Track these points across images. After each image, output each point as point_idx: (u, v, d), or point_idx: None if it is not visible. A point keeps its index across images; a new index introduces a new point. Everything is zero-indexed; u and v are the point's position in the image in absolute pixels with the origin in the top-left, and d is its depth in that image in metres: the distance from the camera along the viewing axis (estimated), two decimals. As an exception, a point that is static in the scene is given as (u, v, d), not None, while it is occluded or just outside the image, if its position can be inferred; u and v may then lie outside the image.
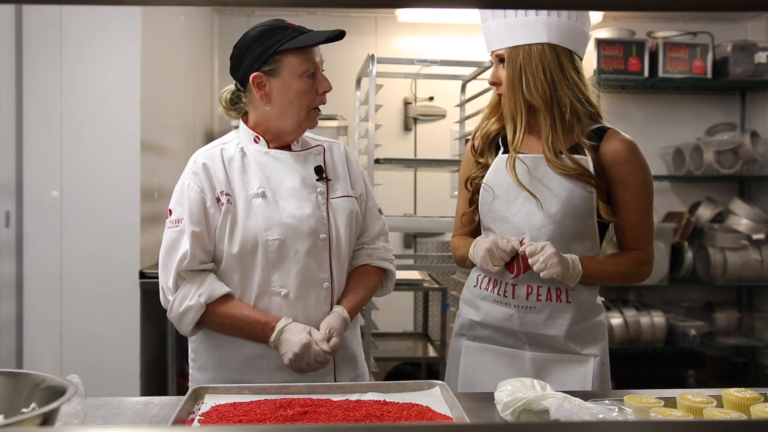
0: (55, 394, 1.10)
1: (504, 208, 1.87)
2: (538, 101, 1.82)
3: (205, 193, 1.78)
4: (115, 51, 3.25)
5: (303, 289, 1.80)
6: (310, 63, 1.77)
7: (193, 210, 1.77)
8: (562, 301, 1.85)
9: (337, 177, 1.90)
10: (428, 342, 4.23)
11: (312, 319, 1.81)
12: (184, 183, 1.81)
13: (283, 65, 1.76)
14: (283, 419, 1.40)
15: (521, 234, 1.84)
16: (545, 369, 1.87)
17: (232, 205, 1.78)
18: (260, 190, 1.79)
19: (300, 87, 1.77)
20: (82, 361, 3.20)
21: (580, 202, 1.82)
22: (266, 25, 1.78)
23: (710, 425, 0.73)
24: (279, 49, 1.74)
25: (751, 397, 1.43)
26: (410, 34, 5.03)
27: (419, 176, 4.96)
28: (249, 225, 1.77)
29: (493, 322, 1.89)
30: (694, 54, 4.64)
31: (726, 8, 0.61)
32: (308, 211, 1.81)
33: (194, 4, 2.08)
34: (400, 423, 1.36)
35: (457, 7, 0.70)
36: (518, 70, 1.82)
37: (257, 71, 1.77)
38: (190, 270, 1.76)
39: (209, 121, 4.85)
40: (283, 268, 1.79)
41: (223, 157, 1.82)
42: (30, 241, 3.22)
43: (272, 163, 1.84)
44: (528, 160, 1.85)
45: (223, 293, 1.76)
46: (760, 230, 4.66)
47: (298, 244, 1.79)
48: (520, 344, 1.89)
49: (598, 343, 1.88)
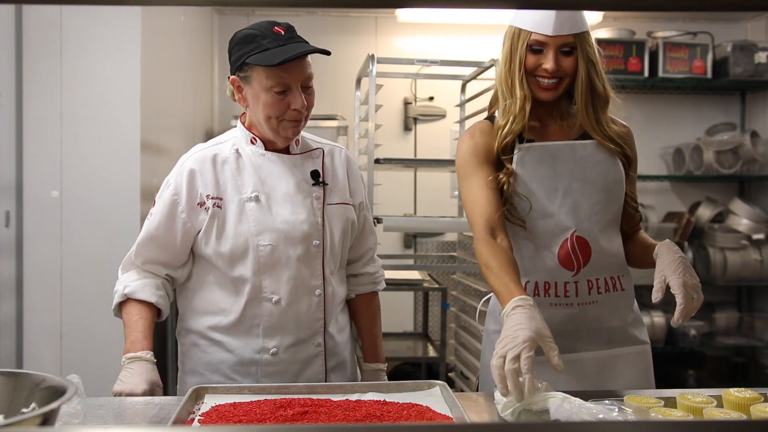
0: (55, 394, 1.10)
1: (545, 204, 1.77)
2: (600, 86, 1.79)
3: (179, 197, 1.78)
4: (115, 51, 3.24)
5: (295, 295, 1.78)
6: (278, 80, 1.70)
7: (161, 212, 1.80)
8: (618, 289, 1.83)
9: (335, 183, 1.87)
10: (428, 342, 4.23)
11: (303, 326, 1.81)
12: (168, 181, 1.83)
13: (253, 76, 1.73)
14: (283, 419, 1.40)
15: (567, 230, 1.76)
16: (608, 368, 1.81)
17: (221, 209, 1.77)
18: (254, 194, 1.77)
19: (267, 100, 1.73)
20: (82, 361, 3.20)
21: (615, 186, 1.82)
22: (251, 29, 1.75)
23: (710, 425, 0.73)
24: (247, 61, 1.72)
25: (751, 397, 1.43)
26: (410, 34, 5.02)
27: (419, 176, 4.95)
28: (240, 229, 1.76)
29: (550, 326, 1.68)
30: (694, 54, 4.64)
31: (726, 8, 0.61)
32: (302, 216, 1.79)
33: (194, 4, 2.08)
34: (400, 423, 1.36)
35: (458, 7, 0.70)
36: (588, 55, 1.77)
37: (234, 75, 1.77)
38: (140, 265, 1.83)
39: (209, 121, 4.85)
40: (275, 273, 1.77)
41: (216, 159, 1.81)
42: (30, 241, 3.22)
43: (268, 166, 1.81)
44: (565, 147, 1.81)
45: (143, 298, 1.78)
46: (760, 230, 4.65)
47: (290, 250, 1.77)
48: (580, 345, 1.80)
49: (645, 328, 1.90)
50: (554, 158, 1.80)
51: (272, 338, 1.79)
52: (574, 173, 1.79)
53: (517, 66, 1.77)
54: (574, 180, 1.78)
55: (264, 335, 1.79)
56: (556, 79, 1.76)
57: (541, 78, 1.76)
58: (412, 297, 4.86)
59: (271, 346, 1.79)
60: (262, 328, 1.79)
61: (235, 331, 1.80)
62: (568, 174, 1.79)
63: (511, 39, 1.79)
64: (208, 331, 1.82)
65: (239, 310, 1.78)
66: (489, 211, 1.73)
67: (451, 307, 4.11)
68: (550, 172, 1.79)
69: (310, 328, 1.81)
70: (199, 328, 1.84)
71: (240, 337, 1.80)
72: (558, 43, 1.74)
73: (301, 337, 1.81)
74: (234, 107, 4.96)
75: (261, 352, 1.79)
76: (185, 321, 1.87)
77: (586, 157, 1.81)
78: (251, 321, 1.79)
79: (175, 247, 1.80)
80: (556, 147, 1.81)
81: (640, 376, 1.83)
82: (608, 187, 1.80)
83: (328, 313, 1.84)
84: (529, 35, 1.75)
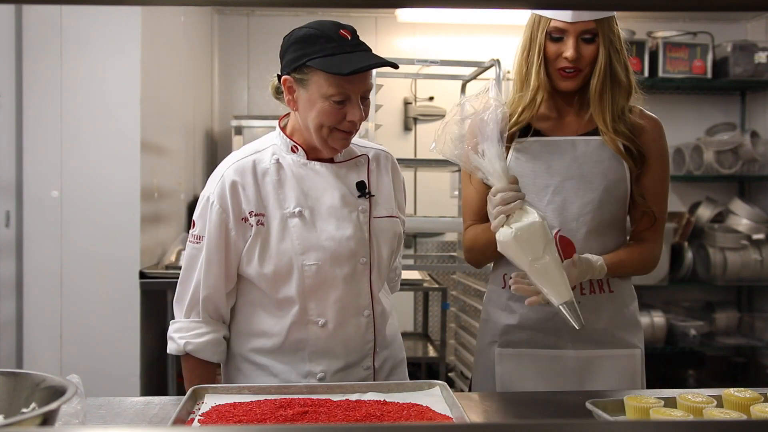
0: (55, 394, 1.10)
1: (533, 200, 1.71)
2: (622, 76, 1.74)
3: (227, 214, 1.66)
4: (115, 51, 3.24)
5: (342, 317, 1.68)
6: (339, 89, 1.57)
7: (212, 233, 1.67)
8: (605, 291, 1.78)
9: (381, 193, 1.74)
10: (428, 342, 4.23)
11: (353, 350, 1.70)
12: (209, 199, 1.68)
13: (312, 80, 1.59)
14: (283, 419, 1.40)
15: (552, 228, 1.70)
16: (591, 367, 1.78)
17: (264, 226, 1.65)
18: (297, 209, 1.65)
19: (323, 108, 1.59)
20: (82, 361, 3.20)
21: (617, 185, 1.75)
22: (314, 28, 1.61)
23: (710, 425, 0.72)
24: (308, 63, 1.58)
25: (751, 397, 1.43)
26: (410, 34, 5.02)
27: (419, 176, 4.96)
28: (284, 248, 1.64)
29: (532, 323, 1.77)
30: (694, 54, 4.64)
31: (726, 8, 0.61)
32: (348, 232, 1.67)
33: (194, 4, 2.06)
34: (400, 423, 1.36)
35: (458, 7, 0.70)
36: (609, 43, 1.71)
37: (288, 75, 1.63)
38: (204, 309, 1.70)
39: (209, 121, 4.85)
40: (321, 295, 1.66)
41: (257, 170, 1.67)
42: (30, 241, 3.22)
43: (311, 177, 1.68)
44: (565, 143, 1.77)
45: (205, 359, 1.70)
46: (760, 230, 4.66)
47: (336, 270, 1.65)
48: (563, 343, 1.78)
49: (639, 334, 1.83)
50: (551, 154, 1.77)
51: (319, 362, 1.69)
52: (569, 170, 1.76)
53: (536, 54, 1.73)
54: (568, 178, 1.75)
55: (310, 359, 1.69)
56: (576, 68, 1.72)
57: (562, 67, 1.72)
58: (412, 297, 4.86)
59: (318, 371, 1.69)
60: (308, 352, 1.69)
61: (280, 355, 1.70)
62: (563, 171, 1.76)
63: (531, 27, 1.75)
64: (251, 354, 1.73)
65: (284, 333, 1.68)
66: (480, 209, 1.79)
67: (451, 307, 4.12)
68: (544, 168, 1.76)
69: (359, 351, 1.71)
70: (242, 351, 1.74)
71: (285, 361, 1.70)
72: (578, 29, 1.69)
73: (350, 361, 1.71)
74: (234, 107, 4.96)
75: (308, 377, 1.69)
76: (228, 344, 1.77)
77: (588, 153, 1.76)
78: (296, 345, 1.69)
79: (231, 270, 1.68)
80: (555, 142, 1.78)
81: (625, 380, 1.78)
82: (608, 186, 1.75)
83: (378, 334, 1.73)
84: (548, 22, 1.70)
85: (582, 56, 1.71)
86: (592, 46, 1.71)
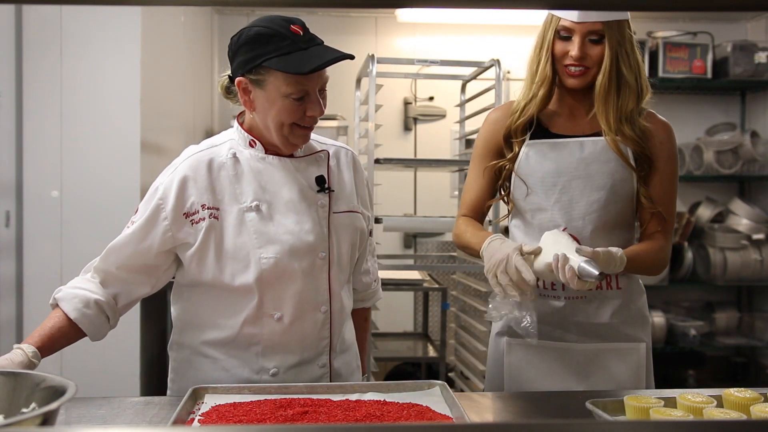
0: (55, 394, 1.10)
1: (541, 198, 1.81)
2: (631, 78, 1.78)
3: (165, 203, 1.64)
4: (115, 51, 3.24)
5: (299, 312, 1.66)
6: (298, 87, 1.57)
7: (142, 216, 1.66)
8: (613, 287, 1.82)
9: (342, 188, 1.74)
10: (428, 342, 4.23)
11: (308, 346, 1.68)
12: (157, 189, 1.67)
13: (269, 80, 1.58)
14: (283, 419, 1.40)
15: (557, 226, 1.77)
16: (596, 360, 1.82)
17: (218, 220, 1.63)
18: (254, 203, 1.64)
19: (284, 106, 1.58)
20: (82, 361, 3.20)
21: (622, 185, 1.79)
22: (264, 27, 1.57)
23: (710, 425, 0.72)
24: (264, 64, 1.56)
25: (751, 397, 1.43)
26: (410, 34, 5.02)
27: (419, 176, 4.96)
28: (240, 242, 1.62)
29: (540, 316, 1.80)
30: (694, 54, 4.64)
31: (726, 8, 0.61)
32: (307, 226, 1.65)
33: (194, 4, 2.05)
34: (400, 423, 1.36)
35: (458, 7, 0.70)
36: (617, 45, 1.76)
37: (243, 77, 1.61)
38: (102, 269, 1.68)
39: (209, 121, 4.85)
40: (278, 287, 1.64)
41: (212, 164, 1.66)
42: (30, 241, 3.22)
43: (269, 171, 1.67)
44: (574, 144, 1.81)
45: (64, 309, 1.62)
46: (760, 230, 4.66)
47: (294, 264, 1.63)
48: (568, 336, 1.83)
49: (646, 328, 1.87)
50: (560, 153, 1.81)
51: (272, 358, 1.67)
52: (577, 170, 1.80)
53: (545, 50, 1.80)
54: (575, 177, 1.79)
55: (264, 354, 1.67)
56: (583, 67, 1.77)
57: (569, 65, 1.78)
58: (412, 297, 4.86)
59: (271, 366, 1.67)
60: (262, 346, 1.66)
61: (232, 349, 1.67)
62: (571, 171, 1.80)
63: (544, 24, 1.82)
64: (202, 347, 1.69)
65: (237, 326, 1.65)
66: (478, 200, 1.92)
67: (451, 307, 4.11)
68: (553, 167, 1.81)
69: (314, 348, 1.69)
70: (193, 343, 1.71)
71: (237, 356, 1.67)
72: (585, 30, 1.75)
73: (305, 358, 1.69)
74: (234, 107, 4.95)
75: (260, 373, 1.67)
76: (177, 334, 1.75)
77: (595, 154, 1.80)
78: (250, 339, 1.66)
79: (149, 254, 1.65)
80: (564, 143, 1.82)
81: (632, 374, 1.82)
82: (614, 186, 1.79)
83: (334, 331, 1.71)
84: (557, 21, 1.78)
85: (588, 56, 1.76)
86: (599, 47, 1.76)
